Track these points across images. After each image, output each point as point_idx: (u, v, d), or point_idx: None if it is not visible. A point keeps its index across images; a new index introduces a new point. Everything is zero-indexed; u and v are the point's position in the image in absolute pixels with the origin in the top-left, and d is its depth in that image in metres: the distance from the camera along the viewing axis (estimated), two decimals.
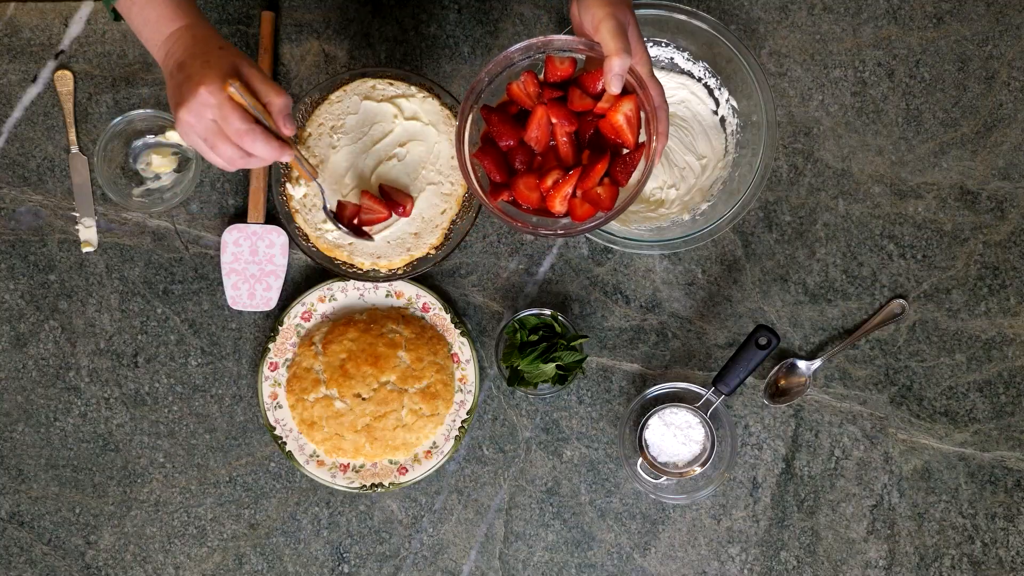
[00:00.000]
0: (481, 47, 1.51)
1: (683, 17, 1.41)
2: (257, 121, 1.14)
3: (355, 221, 1.39)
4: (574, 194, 1.21)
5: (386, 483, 1.45)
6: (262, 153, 1.14)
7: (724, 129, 1.47)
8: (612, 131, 1.20)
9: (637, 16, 1.41)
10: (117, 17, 1.22)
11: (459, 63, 1.51)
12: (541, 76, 1.23)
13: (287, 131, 1.15)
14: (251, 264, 1.47)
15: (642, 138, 1.21)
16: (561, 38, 1.19)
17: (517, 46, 1.19)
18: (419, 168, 1.43)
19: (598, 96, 1.20)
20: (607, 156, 1.20)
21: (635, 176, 1.20)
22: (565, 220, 1.23)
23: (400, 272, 1.44)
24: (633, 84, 1.17)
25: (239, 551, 1.47)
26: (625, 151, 1.22)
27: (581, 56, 1.22)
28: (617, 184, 1.20)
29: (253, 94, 1.14)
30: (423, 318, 1.47)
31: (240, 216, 1.49)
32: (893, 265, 1.49)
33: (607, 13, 1.14)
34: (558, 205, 1.21)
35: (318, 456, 1.46)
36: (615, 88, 1.15)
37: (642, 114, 1.20)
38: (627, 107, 1.19)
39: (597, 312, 1.49)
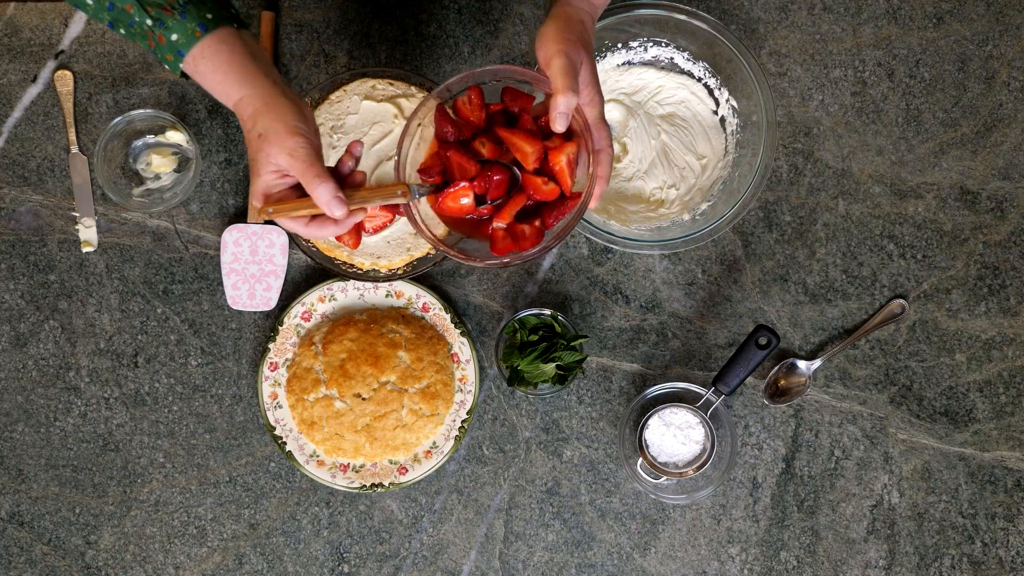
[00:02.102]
0: (481, 47, 1.51)
1: (683, 17, 1.41)
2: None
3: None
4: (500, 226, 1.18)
5: (386, 483, 1.45)
6: (330, 234, 1.16)
7: (724, 129, 1.47)
8: (552, 173, 1.17)
9: (638, 16, 1.42)
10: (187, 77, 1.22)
11: (459, 63, 1.51)
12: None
13: (337, 215, 1.13)
14: (251, 264, 1.47)
15: (578, 186, 1.17)
16: (515, 69, 1.16)
17: (471, 71, 1.16)
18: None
19: (547, 134, 1.17)
20: (522, 196, 1.17)
21: (563, 221, 1.16)
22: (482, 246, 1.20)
23: (400, 272, 1.44)
24: (579, 125, 1.15)
25: (239, 551, 1.47)
26: (553, 197, 1.18)
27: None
28: (544, 227, 1.17)
29: (298, 183, 1.14)
30: (423, 318, 1.47)
31: (240, 216, 1.49)
32: (893, 265, 1.49)
33: (558, 50, 1.12)
34: (451, 202, 1.18)
35: (318, 456, 1.46)
36: (559, 127, 1.12)
37: (583, 158, 1.16)
38: (569, 151, 1.16)
39: (597, 312, 1.49)
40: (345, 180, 1.16)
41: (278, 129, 1.12)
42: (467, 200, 1.17)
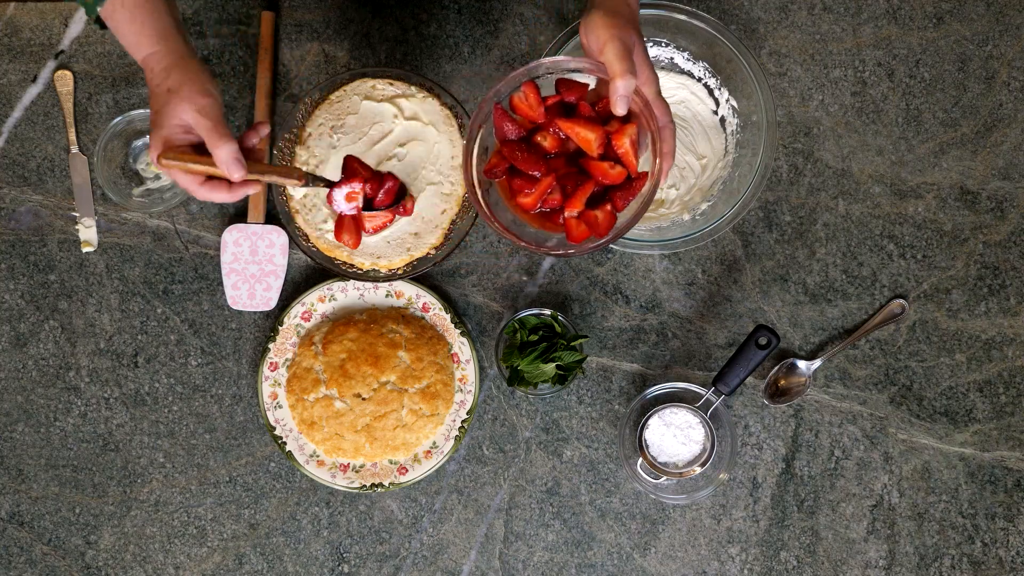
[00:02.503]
0: (481, 47, 1.51)
1: (683, 17, 1.41)
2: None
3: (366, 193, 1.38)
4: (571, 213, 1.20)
5: (386, 483, 1.45)
6: (219, 200, 1.19)
7: (724, 129, 1.47)
8: (617, 155, 1.18)
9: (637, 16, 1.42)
10: (102, 24, 1.22)
11: (459, 63, 1.51)
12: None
13: (235, 177, 1.16)
14: (251, 264, 1.47)
15: (643, 166, 1.19)
16: (568, 59, 1.17)
17: (525, 67, 1.18)
18: (419, 168, 1.43)
19: (605, 119, 1.19)
20: (590, 183, 1.18)
21: (637, 201, 1.18)
22: (559, 237, 1.22)
23: (400, 272, 1.44)
24: (639, 105, 1.16)
25: (239, 551, 1.47)
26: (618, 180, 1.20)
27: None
28: (615, 210, 1.19)
29: (203, 143, 1.16)
30: (423, 318, 1.47)
31: (240, 216, 1.49)
32: (893, 265, 1.49)
33: (611, 35, 1.13)
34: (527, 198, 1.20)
35: (318, 456, 1.46)
36: (620, 110, 1.14)
37: (644, 138, 1.18)
38: (631, 132, 1.17)
39: (597, 312, 1.49)
40: (248, 154, 1.19)
41: (191, 86, 1.14)
42: (356, 203, 1.32)
